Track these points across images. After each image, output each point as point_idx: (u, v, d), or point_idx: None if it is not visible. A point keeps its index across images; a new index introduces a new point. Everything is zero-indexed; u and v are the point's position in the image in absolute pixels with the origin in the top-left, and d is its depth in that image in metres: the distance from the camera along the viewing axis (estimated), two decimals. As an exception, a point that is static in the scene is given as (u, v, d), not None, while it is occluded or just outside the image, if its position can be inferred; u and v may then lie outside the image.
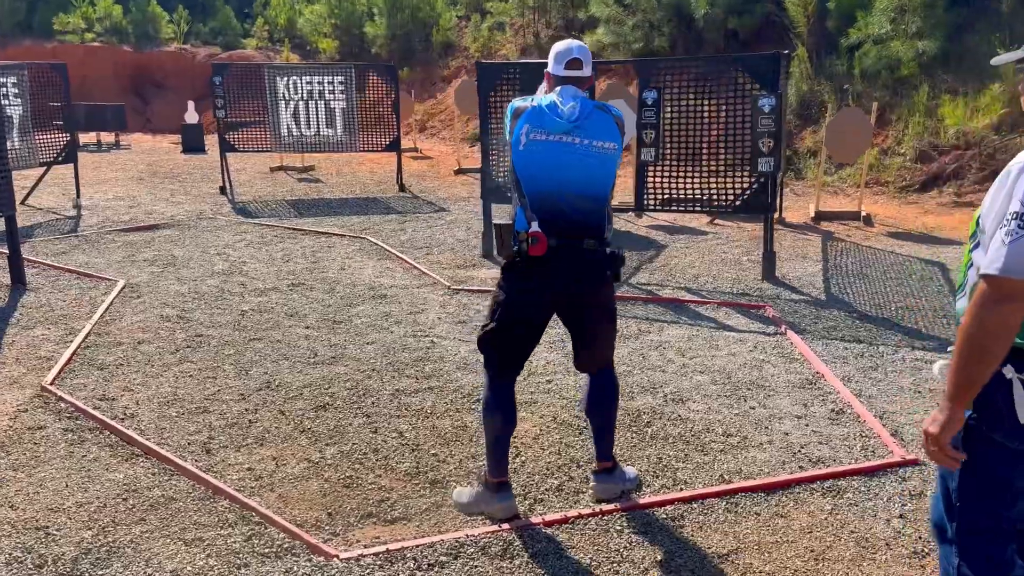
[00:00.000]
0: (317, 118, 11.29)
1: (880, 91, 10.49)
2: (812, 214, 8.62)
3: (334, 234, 8.53)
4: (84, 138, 18.19)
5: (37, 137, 9.77)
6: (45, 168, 10.09)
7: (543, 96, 2.98)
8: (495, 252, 3.44)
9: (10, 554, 2.80)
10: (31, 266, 6.82)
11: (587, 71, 3.01)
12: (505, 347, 3.01)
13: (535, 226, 2.87)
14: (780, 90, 6.34)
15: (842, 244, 7.71)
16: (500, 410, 3.03)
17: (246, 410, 4.03)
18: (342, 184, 12.39)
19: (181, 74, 24.78)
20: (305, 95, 11.22)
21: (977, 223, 1.83)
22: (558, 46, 3.03)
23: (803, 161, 10.65)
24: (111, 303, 5.77)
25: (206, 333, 5.22)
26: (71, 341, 4.95)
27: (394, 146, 11.71)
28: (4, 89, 9.08)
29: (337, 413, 4.01)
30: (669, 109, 6.52)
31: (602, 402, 3.14)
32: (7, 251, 6.25)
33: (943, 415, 1.79)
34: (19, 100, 9.32)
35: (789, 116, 10.56)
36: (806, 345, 4.92)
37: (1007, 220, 1.67)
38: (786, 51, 6.74)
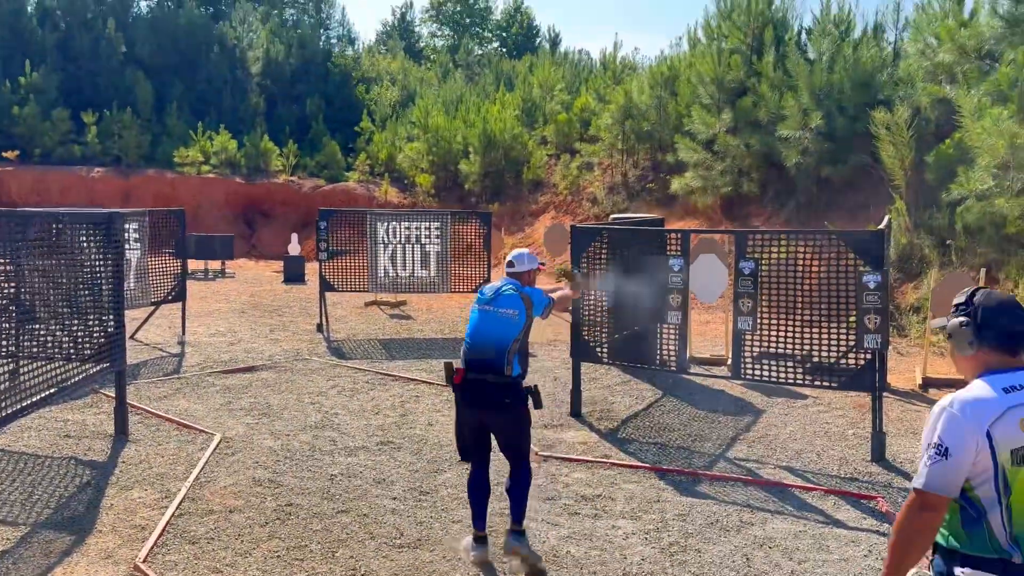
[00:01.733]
0: (412, 260, 11.66)
1: (985, 247, 10.13)
2: (919, 381, 8.18)
3: (422, 382, 8.58)
4: (193, 265, 19.31)
5: (151, 277, 10.38)
6: (155, 307, 10.66)
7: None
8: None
9: None
10: (135, 412, 7.07)
11: (519, 268, 4.69)
12: (460, 444, 4.54)
13: (459, 364, 4.36)
14: (886, 267, 6.17)
15: (955, 417, 7.25)
16: (473, 487, 4.46)
17: (331, 603, 3.93)
18: (432, 321, 12.61)
19: (287, 204, 26.34)
20: (403, 239, 11.65)
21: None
22: (517, 254, 4.77)
23: (905, 317, 10.25)
24: (206, 461, 5.86)
25: (295, 502, 5.21)
26: (166, 506, 5.01)
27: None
28: (127, 234, 9.75)
29: (423, 614, 3.87)
30: (768, 281, 6.41)
31: (513, 485, 4.39)
32: (115, 399, 6.50)
33: None
34: (138, 244, 9.98)
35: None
36: (926, 552, 4.52)
37: (928, 447, 2.27)
38: (884, 223, 6.60)
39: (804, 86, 13.74)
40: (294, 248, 18.75)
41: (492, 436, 4.42)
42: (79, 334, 5.79)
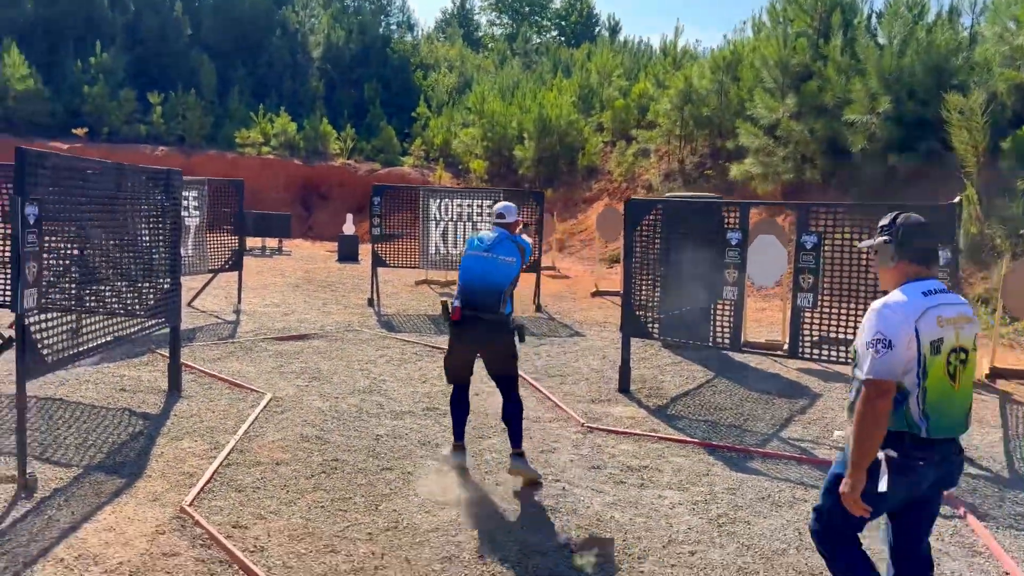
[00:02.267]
0: (464, 238, 11.63)
1: (1063, 236, 9.64)
2: (987, 371, 7.83)
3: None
4: (250, 243, 19.66)
5: (209, 246, 10.56)
6: (212, 274, 10.85)
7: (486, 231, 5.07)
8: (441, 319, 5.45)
9: None
10: (189, 371, 7.20)
11: (508, 219, 5.09)
12: (449, 370, 5.09)
13: (457, 303, 4.84)
14: (955, 242, 5.89)
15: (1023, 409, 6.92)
16: (456, 404, 5.08)
17: (372, 553, 3.91)
18: (482, 302, 12.59)
19: (343, 186, 26.64)
20: (455, 216, 11.63)
21: (855, 352, 2.84)
22: (497, 206, 5.17)
23: (974, 308, 9.82)
24: (255, 418, 5.92)
25: (341, 458, 5.21)
26: (215, 456, 5.06)
27: (534, 267, 11.82)
28: (186, 202, 9.93)
29: (463, 568, 3.81)
30: (830, 255, 6.17)
31: (507, 414, 4.93)
32: (169, 354, 6.61)
33: (851, 479, 2.72)
34: (198, 212, 10.16)
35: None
36: (991, 536, 4.30)
37: (872, 344, 2.67)
38: (956, 199, 6.29)
39: (873, 70, 13.27)
40: (349, 228, 18.93)
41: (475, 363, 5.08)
42: (137, 289, 5.88)
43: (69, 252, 4.82)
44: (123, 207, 5.51)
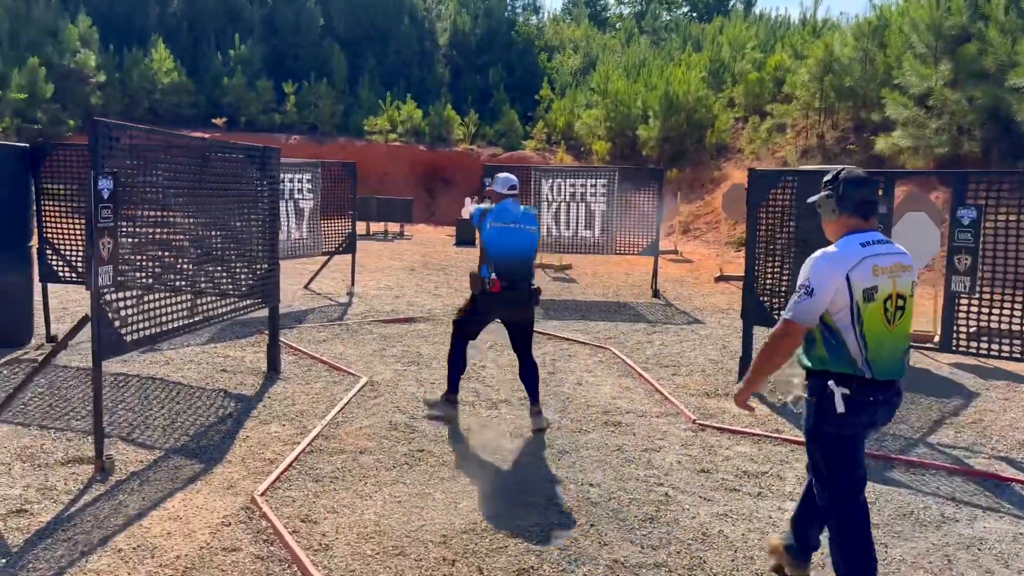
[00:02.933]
0: (576, 220, 11.14)
1: None
2: None
3: (576, 341, 8.08)
4: (373, 227, 19.96)
5: (323, 229, 10.59)
6: (327, 257, 10.89)
7: (496, 204, 5.13)
8: (471, 288, 5.25)
9: None
10: (291, 353, 7.13)
11: (518, 189, 5.22)
12: (466, 331, 5.30)
13: (494, 275, 4.97)
14: None
15: None
16: (459, 357, 5.34)
17: (444, 559, 3.54)
18: (595, 285, 12.06)
19: (466, 171, 26.68)
20: (568, 197, 11.15)
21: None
22: (502, 177, 5.22)
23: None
24: (347, 402, 5.71)
25: (427, 448, 4.89)
26: (299, 442, 4.87)
27: (652, 250, 11.16)
28: (300, 184, 9.97)
29: (541, 582, 3.38)
30: (993, 232, 5.26)
31: (528, 375, 5.26)
32: (268, 335, 6.53)
33: (744, 388, 3.23)
34: (311, 195, 10.18)
35: None
36: None
37: (799, 288, 2.96)
38: None
39: (1046, 26, 11.66)
40: (467, 212, 18.77)
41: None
42: (229, 269, 5.79)
43: (151, 231, 4.71)
44: (211, 185, 5.40)
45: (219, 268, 5.59)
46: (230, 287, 5.71)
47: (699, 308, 10.26)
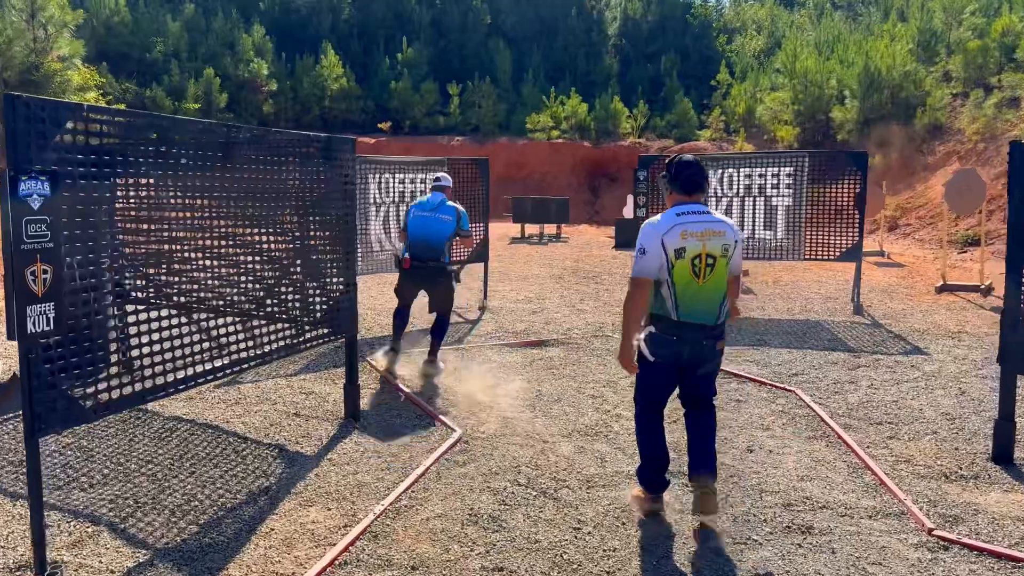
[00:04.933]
0: (754, 217, 9.11)
1: None
2: None
3: (748, 378, 6.19)
4: (529, 229, 18.68)
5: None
6: (458, 267, 9.61)
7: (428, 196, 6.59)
8: (395, 266, 6.51)
9: None
10: (386, 388, 5.84)
11: (444, 184, 6.65)
12: (400, 297, 6.47)
13: (407, 254, 6.23)
14: None
15: None
16: (399, 315, 6.47)
17: None
18: (777, 298, 9.95)
19: (633, 167, 24.80)
20: (743, 190, 9.16)
21: None
22: (439, 179, 6.72)
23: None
24: (422, 473, 4.27)
25: (510, 567, 3.34)
26: (335, 542, 3.49)
27: (853, 254, 8.91)
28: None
29: None
30: None
31: (437, 331, 6.42)
32: (345, 375, 5.25)
33: (623, 348, 3.66)
34: (436, 196, 8.93)
35: None
36: None
37: (635, 251, 3.58)
38: None
39: None
40: (629, 211, 17.00)
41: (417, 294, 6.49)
42: (275, 293, 4.54)
43: (141, 242, 3.49)
44: (239, 184, 4.14)
45: (257, 290, 4.33)
46: (278, 313, 4.45)
47: (918, 331, 7.93)
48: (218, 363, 3.94)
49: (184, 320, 3.78)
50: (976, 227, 13.52)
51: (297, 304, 4.63)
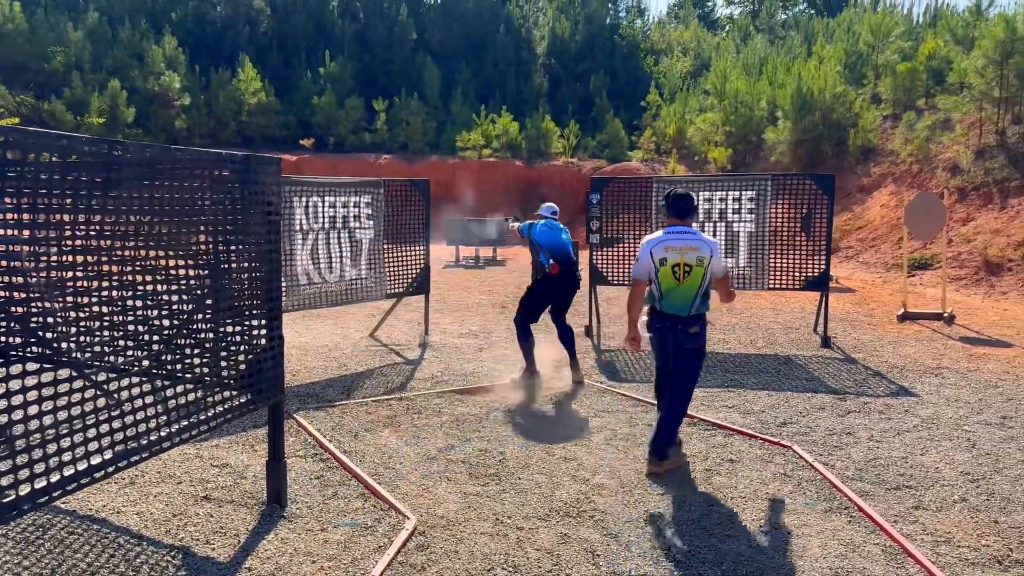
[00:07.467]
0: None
1: None
2: None
3: (738, 431, 5.47)
4: (464, 252, 17.81)
5: (389, 264, 8.37)
6: (395, 300, 8.67)
7: (541, 220, 6.98)
8: (534, 276, 7.08)
9: None
10: (319, 457, 4.87)
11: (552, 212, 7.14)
12: (531, 314, 6.87)
13: (553, 262, 6.64)
14: None
15: None
16: (529, 336, 6.85)
17: None
18: (738, 329, 9.36)
19: (565, 187, 24.26)
20: (700, 214, 8.53)
21: None
22: (547, 207, 7.16)
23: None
24: (371, 584, 3.34)
25: None
26: None
27: (819, 283, 8.38)
28: (357, 210, 7.80)
29: None
30: None
31: (566, 338, 6.86)
32: (268, 450, 4.25)
33: (628, 332, 4.83)
34: (371, 223, 7.99)
35: None
36: None
37: (636, 259, 4.81)
38: None
39: None
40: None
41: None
42: (163, 349, 3.54)
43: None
44: (115, 215, 3.15)
45: (133, 350, 3.33)
46: (179, 374, 3.45)
47: (896, 367, 7.41)
48: (102, 457, 2.91)
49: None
50: (921, 249, 13.36)
51: (205, 368, 3.63)
